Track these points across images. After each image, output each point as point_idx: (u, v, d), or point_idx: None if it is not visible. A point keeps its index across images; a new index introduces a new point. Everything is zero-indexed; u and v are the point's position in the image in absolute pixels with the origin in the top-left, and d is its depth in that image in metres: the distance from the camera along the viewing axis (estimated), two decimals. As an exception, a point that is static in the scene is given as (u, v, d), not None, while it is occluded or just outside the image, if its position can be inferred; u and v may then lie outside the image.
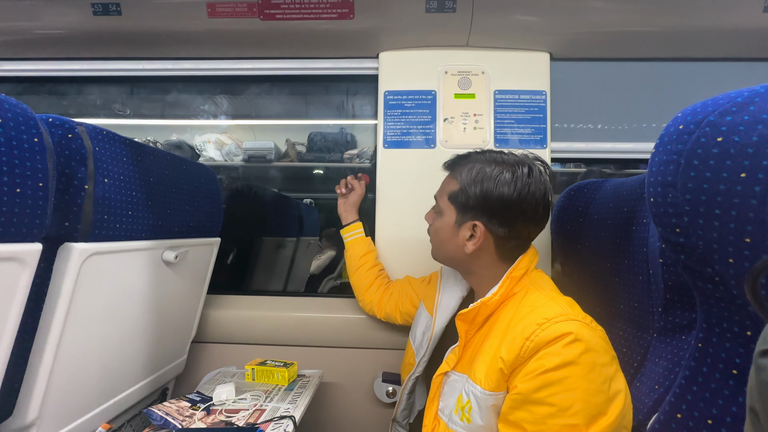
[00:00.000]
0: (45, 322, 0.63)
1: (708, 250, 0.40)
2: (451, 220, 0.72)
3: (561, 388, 0.54)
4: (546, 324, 0.57)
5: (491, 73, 1.12)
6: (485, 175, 0.68)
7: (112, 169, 0.71)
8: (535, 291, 0.66)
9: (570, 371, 0.54)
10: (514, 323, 0.62)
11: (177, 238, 0.92)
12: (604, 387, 0.54)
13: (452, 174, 0.74)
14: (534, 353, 0.56)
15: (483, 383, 0.61)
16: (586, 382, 0.53)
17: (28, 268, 0.54)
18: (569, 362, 0.54)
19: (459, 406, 0.64)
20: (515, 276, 0.68)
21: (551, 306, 0.61)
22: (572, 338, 0.55)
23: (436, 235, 0.76)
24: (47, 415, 0.65)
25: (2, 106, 0.50)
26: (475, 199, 0.68)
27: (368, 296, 1.04)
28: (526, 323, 0.59)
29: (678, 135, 0.41)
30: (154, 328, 0.89)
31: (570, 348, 0.54)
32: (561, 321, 0.57)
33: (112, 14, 1.05)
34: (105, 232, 0.70)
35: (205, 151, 1.91)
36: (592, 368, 0.54)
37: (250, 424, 0.77)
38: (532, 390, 0.55)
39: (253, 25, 1.07)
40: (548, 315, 0.58)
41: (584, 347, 0.54)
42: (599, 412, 0.53)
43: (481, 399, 0.61)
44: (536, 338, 0.56)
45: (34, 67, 1.22)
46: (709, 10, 0.99)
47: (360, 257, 1.07)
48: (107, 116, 1.70)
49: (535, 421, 0.55)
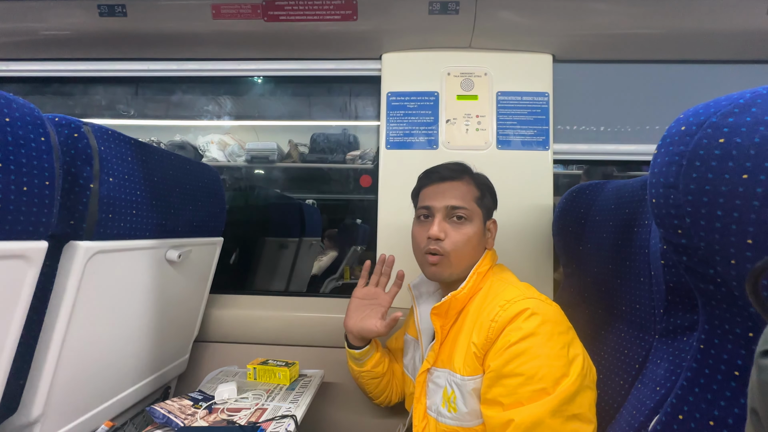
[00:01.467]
0: (50, 319, 0.63)
1: (710, 251, 0.40)
2: (481, 222, 0.77)
3: (526, 357, 0.60)
4: (506, 305, 0.65)
5: (494, 75, 1.13)
6: (486, 178, 0.82)
7: (117, 169, 0.71)
8: (497, 282, 0.73)
9: (531, 341, 0.60)
10: (482, 311, 0.69)
11: (180, 237, 0.92)
12: (563, 352, 0.60)
13: (463, 181, 0.78)
14: (500, 332, 0.63)
15: (461, 370, 0.67)
16: (547, 348, 0.60)
17: (34, 266, 0.55)
18: (530, 334, 0.61)
19: (445, 398, 0.69)
20: (481, 271, 0.75)
21: (510, 290, 0.69)
22: (529, 312, 0.62)
23: (466, 243, 0.74)
24: (51, 411, 0.65)
25: (10, 105, 0.51)
26: (492, 199, 0.81)
27: (390, 395, 0.95)
28: (491, 308, 0.67)
29: (680, 136, 0.41)
30: (157, 326, 0.89)
31: (529, 321, 0.62)
32: (519, 300, 0.65)
33: (118, 15, 1.06)
34: (109, 230, 0.70)
35: (209, 152, 1.92)
36: (551, 336, 0.61)
37: (252, 423, 0.77)
38: (501, 365, 0.61)
39: (257, 27, 1.08)
40: (507, 297, 0.66)
41: (541, 319, 0.62)
42: (562, 374, 0.59)
43: (462, 386, 0.67)
44: (500, 318, 0.64)
45: (41, 67, 1.23)
46: (711, 12, 0.99)
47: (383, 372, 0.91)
48: (112, 116, 1.71)
49: (509, 393, 0.60)
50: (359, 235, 2.20)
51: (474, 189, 0.78)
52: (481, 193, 0.78)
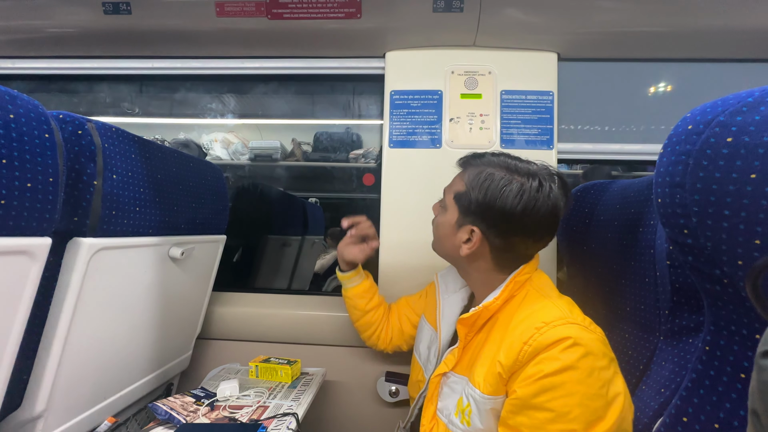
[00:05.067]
0: (53, 315, 0.64)
1: (716, 251, 0.39)
2: (452, 218, 0.71)
3: (560, 393, 0.53)
4: (544, 328, 0.57)
5: (498, 74, 1.12)
6: (492, 181, 0.66)
7: (121, 166, 0.71)
8: (533, 293, 0.65)
9: (568, 376, 0.53)
10: (513, 327, 0.61)
11: (183, 234, 0.92)
12: (602, 391, 0.53)
13: (462, 172, 0.72)
14: (532, 358, 0.56)
15: (482, 387, 0.61)
16: (585, 386, 0.53)
17: (38, 262, 0.55)
18: (568, 367, 0.53)
19: (459, 409, 0.64)
20: (519, 281, 0.67)
21: (550, 309, 0.60)
22: (571, 342, 0.54)
23: (437, 229, 0.76)
24: (55, 407, 0.66)
25: (15, 102, 0.51)
26: (476, 204, 0.66)
27: (374, 338, 0.98)
28: (524, 327, 0.59)
29: (687, 135, 0.41)
30: (159, 323, 0.90)
31: (568, 352, 0.54)
32: (559, 325, 0.56)
33: (123, 13, 1.07)
34: (113, 227, 0.71)
35: (212, 150, 1.93)
36: (591, 372, 0.53)
37: (254, 420, 0.77)
38: (530, 395, 0.55)
39: (261, 25, 1.07)
40: (546, 318, 0.58)
41: (583, 351, 0.54)
42: (598, 416, 0.53)
43: (481, 403, 0.61)
44: (534, 342, 0.56)
45: (46, 65, 1.24)
46: (718, 10, 0.97)
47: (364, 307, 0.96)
48: (116, 114, 1.72)
49: (534, 426, 0.55)
50: (362, 233, 2.19)
51: (461, 183, 0.70)
52: (465, 188, 0.68)
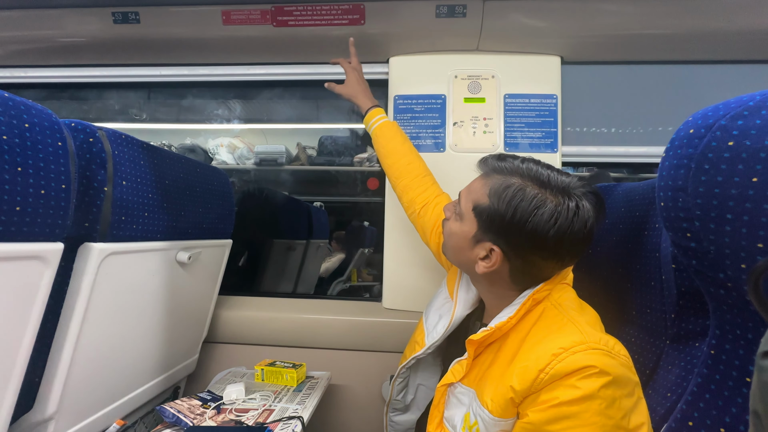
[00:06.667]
0: (65, 318, 0.65)
1: (720, 255, 0.39)
2: (470, 232, 0.64)
3: (576, 422, 0.49)
4: (563, 355, 0.51)
5: (501, 77, 1.12)
6: (523, 199, 0.58)
7: (130, 172, 0.73)
8: (551, 310, 0.60)
9: (588, 406, 0.49)
10: (527, 349, 0.56)
11: (190, 239, 0.94)
12: (623, 422, 0.49)
13: (484, 178, 0.64)
14: (548, 384, 0.52)
15: (490, 407, 0.57)
16: (605, 417, 0.48)
17: (51, 267, 0.57)
18: (588, 396, 0.49)
19: (467, 425, 0.61)
20: (537, 298, 0.61)
21: (569, 331, 0.54)
22: (592, 372, 0.49)
23: (450, 237, 0.69)
24: (65, 409, 0.67)
25: (29, 111, 0.53)
26: (501, 222, 0.59)
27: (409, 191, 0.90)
28: (540, 353, 0.53)
29: (689, 139, 0.41)
30: (167, 327, 0.91)
31: (589, 381, 0.49)
32: (579, 351, 0.51)
33: (132, 22, 1.09)
34: (122, 232, 0.72)
35: (218, 155, 1.95)
36: (612, 402, 0.49)
37: (260, 423, 0.78)
38: (544, 422, 0.51)
39: (267, 32, 1.09)
40: (565, 344, 0.52)
41: (606, 380, 0.49)
42: None
43: (489, 424, 0.57)
44: (552, 371, 0.51)
45: (57, 73, 1.27)
46: (721, 12, 0.97)
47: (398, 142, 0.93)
48: (125, 121, 1.75)
49: None
50: (366, 237, 2.20)
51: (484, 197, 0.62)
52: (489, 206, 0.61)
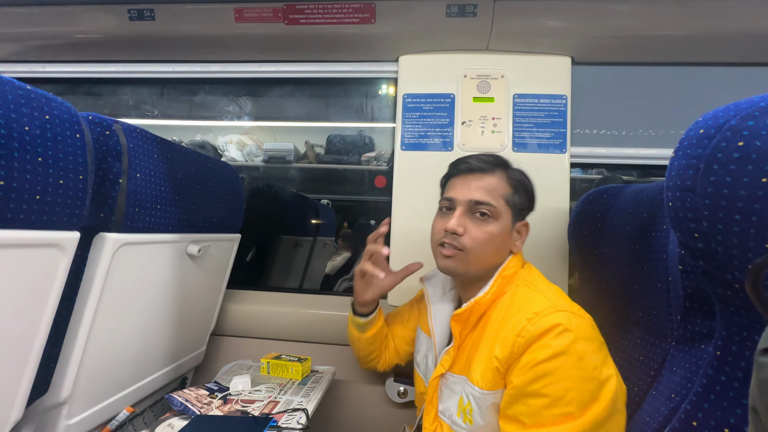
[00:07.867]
0: (79, 306, 0.67)
1: (727, 256, 0.39)
2: (509, 222, 0.71)
3: (553, 378, 0.55)
4: (535, 318, 0.59)
5: (511, 77, 1.12)
6: (523, 174, 0.74)
7: (144, 165, 0.75)
8: (523, 287, 0.68)
9: (561, 361, 0.55)
10: (506, 321, 0.64)
11: (200, 232, 0.95)
12: (594, 373, 0.55)
13: (499, 175, 0.71)
14: (526, 348, 0.58)
15: (480, 383, 0.63)
16: (577, 370, 0.55)
17: (67, 255, 0.58)
18: (560, 352, 0.55)
19: (461, 409, 0.65)
20: (506, 275, 0.70)
21: (539, 300, 0.63)
22: (561, 329, 0.57)
23: (488, 243, 0.69)
24: (79, 394, 0.69)
25: (50, 104, 0.54)
26: (528, 199, 0.73)
27: (373, 363, 0.95)
28: (516, 320, 0.61)
29: (698, 139, 0.41)
30: (176, 318, 0.93)
31: (559, 338, 0.56)
32: (549, 314, 0.59)
33: (147, 20, 1.11)
34: (136, 224, 0.74)
35: (227, 152, 1.97)
36: (582, 356, 0.55)
37: (265, 414, 0.79)
38: (526, 383, 0.57)
39: (278, 30, 1.11)
40: (536, 309, 0.60)
41: (573, 337, 0.56)
42: (592, 398, 0.54)
43: (480, 399, 0.63)
44: (527, 333, 0.58)
45: (74, 69, 1.30)
46: (733, 14, 0.96)
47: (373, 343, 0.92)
48: (138, 116, 1.78)
49: (531, 414, 0.56)
50: (373, 236, 2.20)
51: (506, 185, 0.71)
52: (513, 190, 0.71)
